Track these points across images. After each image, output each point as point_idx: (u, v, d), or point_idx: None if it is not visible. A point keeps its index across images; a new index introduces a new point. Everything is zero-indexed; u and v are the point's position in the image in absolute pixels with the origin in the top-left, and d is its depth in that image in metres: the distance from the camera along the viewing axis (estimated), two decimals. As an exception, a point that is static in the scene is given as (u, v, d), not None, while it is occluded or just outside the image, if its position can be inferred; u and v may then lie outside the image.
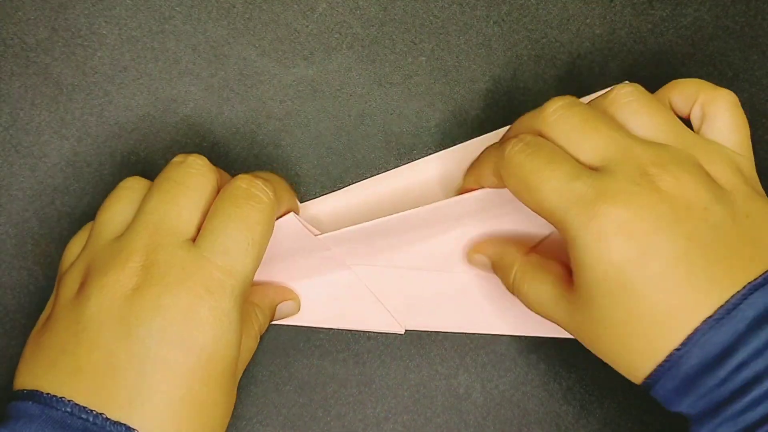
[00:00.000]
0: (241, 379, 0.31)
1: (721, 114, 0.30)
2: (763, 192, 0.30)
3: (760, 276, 0.26)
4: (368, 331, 0.36)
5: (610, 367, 0.37)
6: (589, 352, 0.38)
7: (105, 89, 0.37)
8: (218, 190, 0.30)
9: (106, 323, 0.27)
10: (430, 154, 0.38)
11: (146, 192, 0.30)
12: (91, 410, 0.26)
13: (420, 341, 0.37)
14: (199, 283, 0.27)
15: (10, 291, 0.36)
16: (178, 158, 0.31)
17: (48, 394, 0.26)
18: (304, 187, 0.37)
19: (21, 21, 0.37)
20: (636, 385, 0.37)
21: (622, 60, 0.39)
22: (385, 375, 0.36)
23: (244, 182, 0.30)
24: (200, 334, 0.27)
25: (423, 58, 0.38)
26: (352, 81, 0.38)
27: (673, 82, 0.32)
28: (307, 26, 0.38)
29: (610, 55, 0.39)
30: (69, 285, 0.29)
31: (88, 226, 0.32)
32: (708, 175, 0.28)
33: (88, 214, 0.36)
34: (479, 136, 0.38)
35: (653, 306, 0.27)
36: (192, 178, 0.30)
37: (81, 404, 0.26)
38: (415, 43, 0.38)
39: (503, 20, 0.39)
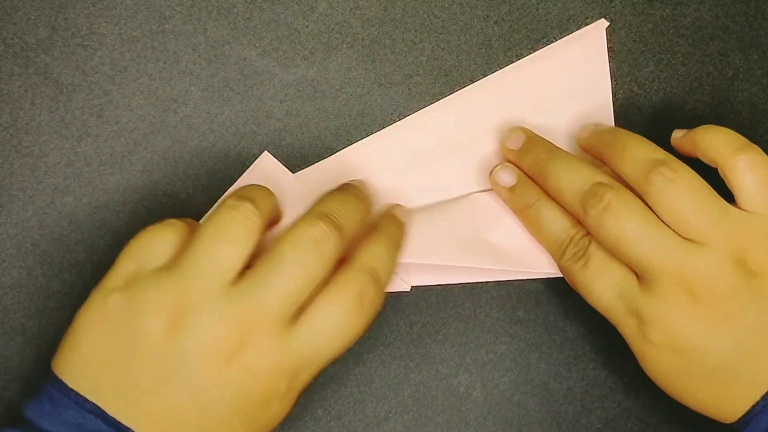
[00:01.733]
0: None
1: (745, 183, 0.31)
2: None
3: None
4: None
5: (610, 367, 0.37)
6: (588, 351, 0.38)
7: (105, 89, 0.37)
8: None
9: (195, 375, 0.28)
10: (430, 153, 0.38)
11: (259, 240, 0.30)
12: None
13: (420, 341, 0.37)
14: (284, 375, 0.29)
15: (10, 291, 0.36)
16: (312, 230, 0.30)
17: (119, 422, 0.28)
18: (304, 186, 0.37)
19: (21, 21, 0.37)
20: (636, 385, 0.37)
21: (622, 60, 0.39)
22: (385, 374, 0.36)
23: (358, 282, 0.30)
24: (264, 415, 0.29)
25: (423, 58, 0.38)
26: (352, 81, 0.38)
27: (696, 139, 0.33)
28: (307, 26, 0.38)
29: (610, 55, 0.39)
30: (162, 310, 0.28)
31: (177, 229, 0.30)
32: (745, 270, 0.30)
33: (88, 214, 0.36)
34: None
35: (716, 386, 0.31)
36: (317, 264, 0.29)
37: None
38: (415, 43, 0.38)
39: (503, 20, 0.39)
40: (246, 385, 0.28)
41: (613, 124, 0.38)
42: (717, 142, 0.32)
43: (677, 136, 0.35)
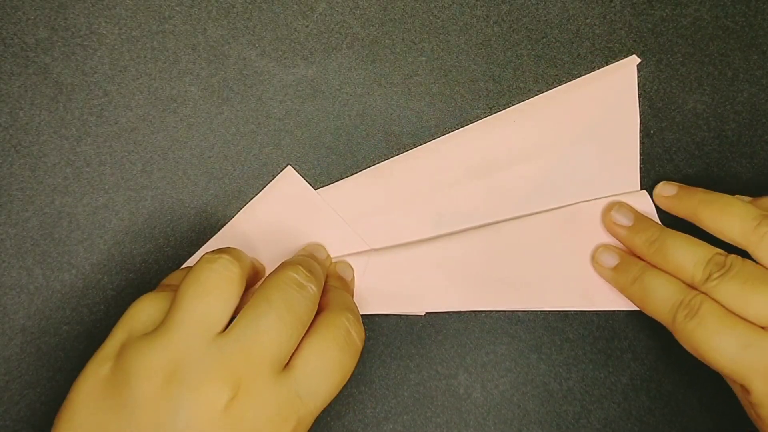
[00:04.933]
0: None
1: None
2: None
3: None
4: (388, 315, 0.36)
5: (609, 367, 0.37)
6: (588, 352, 0.38)
7: (105, 89, 0.37)
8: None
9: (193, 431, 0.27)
10: (430, 154, 0.38)
11: (242, 292, 0.29)
12: None
13: (420, 341, 0.37)
14: (286, 422, 0.28)
15: (10, 291, 0.36)
16: (294, 274, 0.30)
17: None
18: (304, 187, 0.37)
19: (21, 21, 0.37)
20: (635, 386, 0.37)
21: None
22: (385, 375, 0.36)
23: (343, 320, 0.30)
24: None
25: (423, 58, 0.38)
26: (352, 81, 0.38)
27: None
28: (307, 26, 0.38)
29: (610, 55, 0.39)
30: (153, 371, 0.27)
31: (166, 295, 0.30)
32: None
33: (88, 214, 0.36)
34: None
35: None
36: (303, 304, 0.29)
37: None
38: (415, 43, 0.38)
39: (503, 20, 0.39)
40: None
41: (638, 159, 0.38)
42: None
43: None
